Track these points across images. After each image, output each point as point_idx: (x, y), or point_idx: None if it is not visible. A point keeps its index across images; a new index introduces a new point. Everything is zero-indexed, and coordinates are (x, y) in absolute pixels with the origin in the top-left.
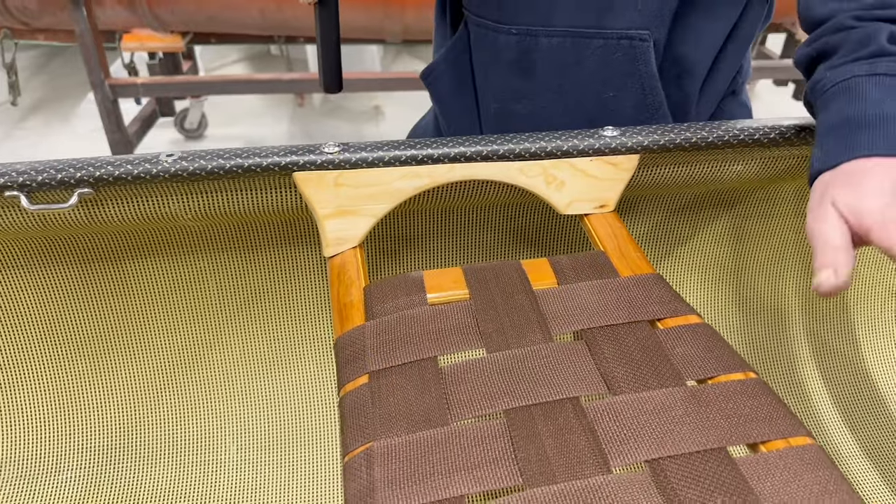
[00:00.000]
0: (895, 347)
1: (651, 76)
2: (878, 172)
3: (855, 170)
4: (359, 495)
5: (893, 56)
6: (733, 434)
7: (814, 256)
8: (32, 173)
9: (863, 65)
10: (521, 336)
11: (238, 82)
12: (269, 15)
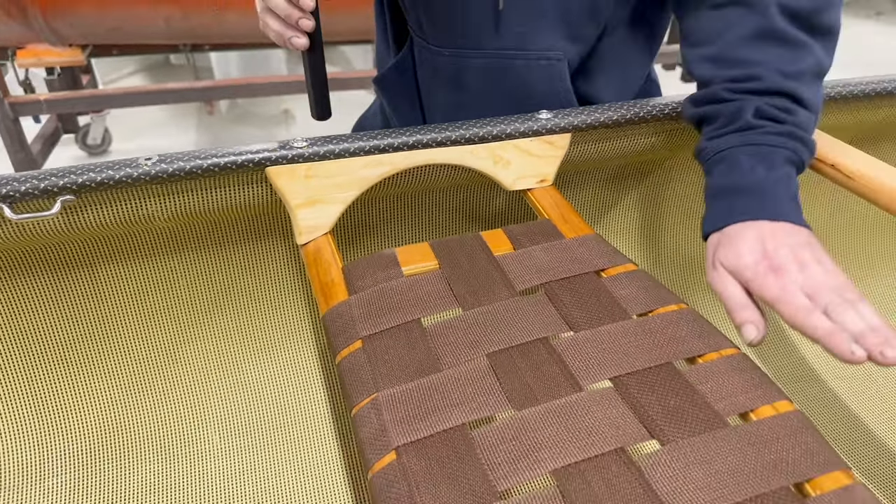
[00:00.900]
0: None
1: (567, 91)
2: (750, 235)
3: (733, 233)
4: (373, 436)
5: (759, 129)
6: (675, 351)
7: (731, 317)
8: (15, 184)
9: (736, 136)
10: (490, 294)
11: (149, 93)
12: (174, 23)
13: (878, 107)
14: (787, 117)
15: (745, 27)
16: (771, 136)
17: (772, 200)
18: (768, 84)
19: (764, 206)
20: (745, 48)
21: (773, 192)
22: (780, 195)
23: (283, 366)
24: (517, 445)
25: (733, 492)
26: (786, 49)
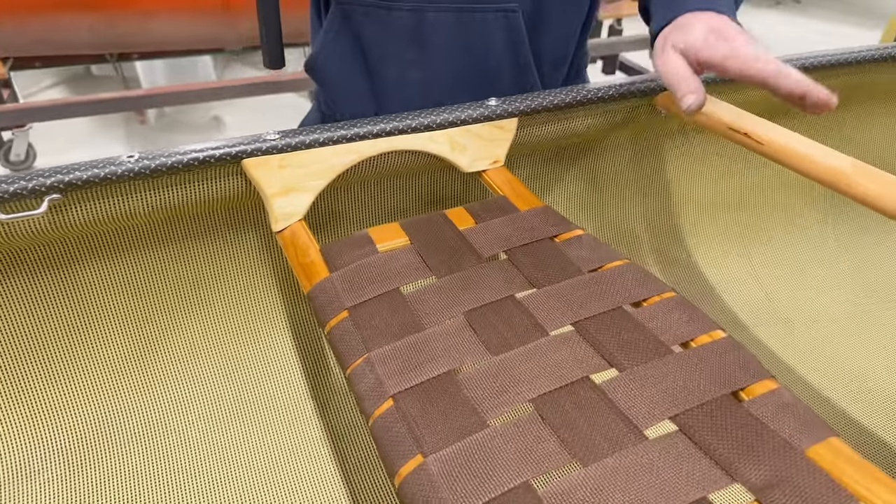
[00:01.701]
0: (727, 255)
1: (522, 43)
2: (698, 21)
3: (682, 22)
4: (369, 389)
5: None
6: (623, 298)
7: (674, 91)
8: (4, 185)
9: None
10: (459, 263)
11: (77, 105)
12: (100, 32)
13: None
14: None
15: None
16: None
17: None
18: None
19: (710, 1)
20: None
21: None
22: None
23: (261, 349)
24: (498, 383)
25: (683, 402)
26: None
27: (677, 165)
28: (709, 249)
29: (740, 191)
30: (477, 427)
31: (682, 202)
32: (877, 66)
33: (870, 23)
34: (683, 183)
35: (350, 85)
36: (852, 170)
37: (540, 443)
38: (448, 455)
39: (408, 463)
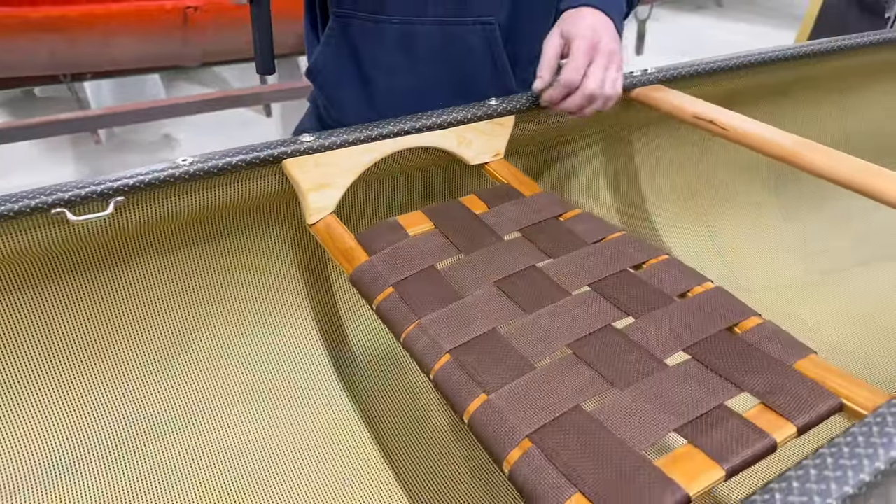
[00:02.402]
0: (691, 233)
1: (500, 52)
2: (585, 13)
3: (575, 13)
4: (426, 348)
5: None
6: (627, 262)
7: (539, 69)
8: (76, 189)
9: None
10: (482, 241)
11: (29, 127)
12: (60, 54)
13: (734, 78)
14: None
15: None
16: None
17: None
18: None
19: (599, 1)
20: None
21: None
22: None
23: (288, 337)
24: (536, 334)
25: (690, 337)
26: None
27: (643, 155)
28: (674, 229)
29: (698, 175)
30: (527, 369)
31: (648, 188)
32: (811, 60)
33: (785, 23)
34: (649, 170)
35: (347, 90)
36: (795, 145)
37: (582, 375)
38: (508, 391)
39: (474, 401)
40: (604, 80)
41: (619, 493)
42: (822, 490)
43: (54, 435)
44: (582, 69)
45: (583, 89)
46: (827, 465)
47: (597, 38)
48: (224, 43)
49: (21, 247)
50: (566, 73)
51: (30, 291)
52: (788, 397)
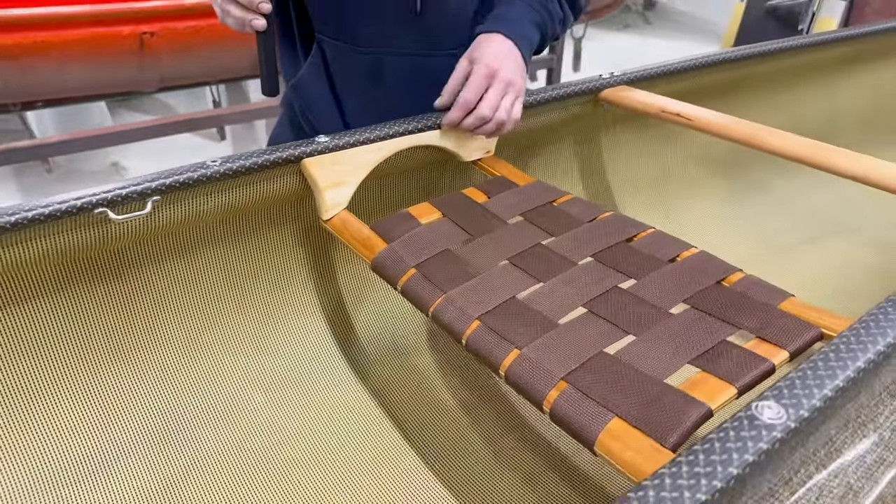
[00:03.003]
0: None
1: None
2: (494, 40)
3: (485, 38)
4: (455, 318)
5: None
6: (620, 236)
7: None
8: (117, 190)
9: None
10: (489, 225)
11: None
12: (13, 82)
13: (687, 78)
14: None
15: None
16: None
17: (512, 28)
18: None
19: (509, 30)
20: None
21: (517, 24)
22: (519, 29)
23: (301, 328)
24: (553, 298)
25: (687, 291)
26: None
27: (611, 150)
28: (638, 216)
29: (658, 167)
30: (550, 326)
31: (614, 179)
32: (751, 62)
33: (708, 39)
34: (615, 163)
35: (324, 107)
36: (753, 129)
37: (601, 327)
38: (538, 344)
39: (508, 357)
40: (498, 106)
41: (652, 414)
42: (823, 382)
43: (92, 430)
44: (478, 92)
45: (477, 111)
46: (818, 367)
47: (497, 65)
48: (181, 68)
49: (64, 247)
50: (462, 95)
51: (69, 292)
52: (778, 331)
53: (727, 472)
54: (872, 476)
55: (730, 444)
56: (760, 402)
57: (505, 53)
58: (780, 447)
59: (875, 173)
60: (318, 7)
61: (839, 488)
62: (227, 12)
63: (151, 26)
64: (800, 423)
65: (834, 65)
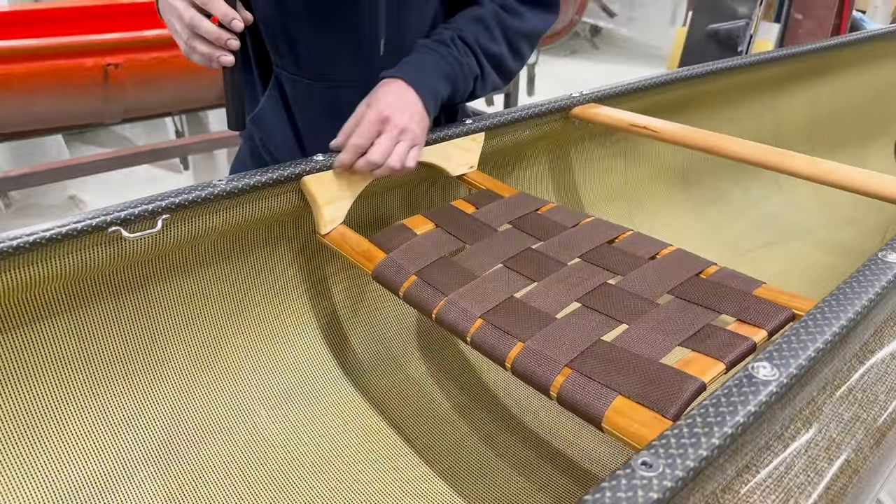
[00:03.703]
0: None
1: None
2: (392, 86)
3: (384, 84)
4: (460, 317)
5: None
6: (603, 238)
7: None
8: (129, 209)
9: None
10: (481, 234)
11: None
12: None
13: (648, 95)
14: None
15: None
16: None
17: (417, 77)
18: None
19: (413, 78)
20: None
21: (424, 73)
22: (424, 79)
23: (299, 342)
24: (548, 295)
25: (670, 283)
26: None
27: (581, 164)
28: None
29: (626, 180)
30: (549, 320)
31: (585, 191)
32: (703, 79)
33: (654, 62)
34: (585, 176)
35: (283, 140)
36: (714, 138)
37: (596, 318)
38: (540, 337)
39: (513, 350)
40: (389, 152)
41: (652, 390)
42: (809, 342)
43: (99, 447)
44: (369, 137)
45: (367, 156)
46: (800, 334)
47: (390, 112)
48: (144, 99)
49: (75, 266)
50: (353, 139)
51: (77, 311)
52: (756, 313)
53: (735, 420)
54: (850, 430)
55: (734, 399)
56: (755, 364)
57: (402, 101)
58: (774, 401)
59: (824, 173)
60: (275, 43)
61: (823, 441)
62: (193, 48)
63: (116, 58)
64: (790, 380)
65: (776, 82)
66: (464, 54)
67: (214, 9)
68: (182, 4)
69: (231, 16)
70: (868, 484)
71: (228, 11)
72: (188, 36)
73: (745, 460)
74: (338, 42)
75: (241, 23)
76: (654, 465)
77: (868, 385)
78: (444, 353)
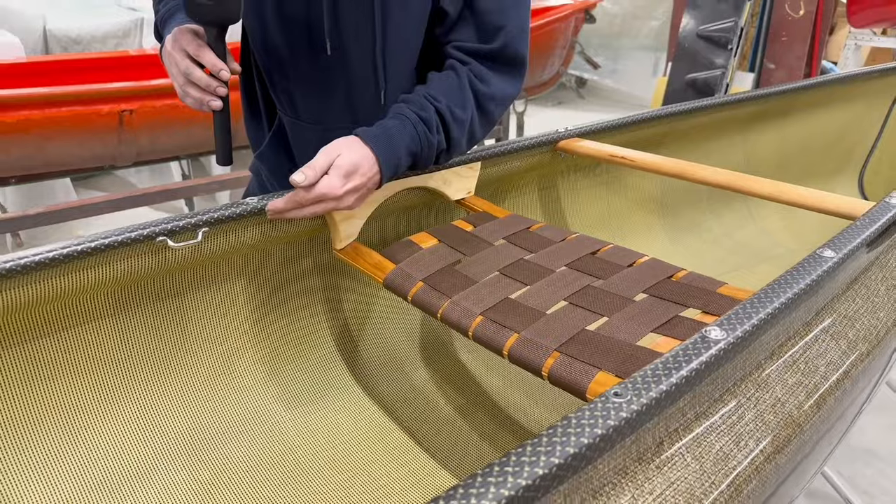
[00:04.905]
0: None
1: None
2: (355, 145)
3: (352, 140)
4: (462, 315)
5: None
6: (586, 250)
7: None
8: (175, 222)
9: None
10: (479, 248)
11: None
12: None
13: (627, 132)
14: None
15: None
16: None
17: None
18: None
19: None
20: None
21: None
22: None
23: (315, 350)
24: (539, 296)
25: (644, 285)
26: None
27: (566, 192)
28: None
29: (608, 210)
30: (540, 315)
31: (570, 218)
32: (679, 117)
33: (636, 111)
34: (570, 204)
35: (285, 175)
36: (686, 165)
37: (581, 313)
38: (533, 329)
39: (509, 340)
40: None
41: (627, 366)
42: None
43: (132, 442)
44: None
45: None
46: (746, 308)
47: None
48: (156, 143)
49: (121, 274)
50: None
51: (117, 317)
52: (718, 306)
53: (690, 366)
54: (793, 392)
55: (690, 353)
56: (708, 328)
57: (356, 156)
58: (722, 355)
59: (780, 193)
60: (275, 93)
61: (770, 399)
62: (186, 93)
63: (130, 104)
64: (735, 340)
65: (747, 120)
66: (436, 132)
67: (205, 60)
68: (179, 55)
69: (219, 66)
70: (812, 439)
71: (217, 63)
72: (183, 82)
73: (703, 407)
74: (329, 96)
75: (227, 73)
76: (624, 395)
77: (810, 358)
78: (446, 361)
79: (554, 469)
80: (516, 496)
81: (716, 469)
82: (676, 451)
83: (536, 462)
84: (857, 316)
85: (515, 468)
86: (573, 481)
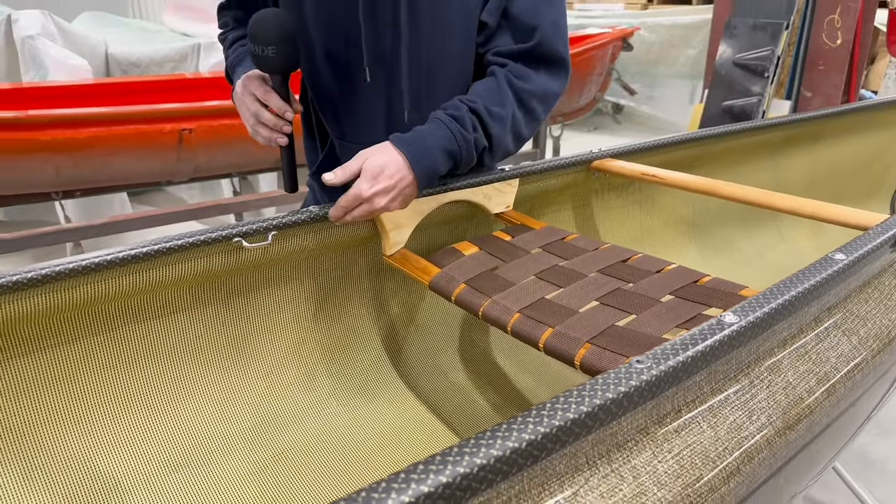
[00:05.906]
0: None
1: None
2: (388, 152)
3: (386, 146)
4: (501, 313)
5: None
6: (618, 258)
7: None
8: (249, 225)
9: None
10: (516, 254)
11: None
12: (65, 172)
13: (658, 154)
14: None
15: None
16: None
17: (419, 154)
18: (478, 107)
19: (413, 154)
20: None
21: (427, 151)
22: (424, 156)
23: (362, 348)
24: (573, 296)
25: (669, 288)
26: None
27: (600, 212)
28: None
29: (640, 228)
30: (573, 313)
31: (603, 235)
32: (710, 140)
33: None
34: (603, 223)
35: (336, 192)
36: (714, 182)
37: (611, 311)
38: (566, 324)
39: (544, 334)
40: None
41: None
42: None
43: (205, 422)
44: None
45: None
46: (753, 303)
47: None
48: (212, 160)
49: (201, 269)
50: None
51: (195, 309)
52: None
53: (706, 344)
54: (804, 378)
55: (706, 333)
56: (724, 314)
57: (386, 170)
58: (736, 337)
59: (801, 207)
60: (326, 117)
61: (781, 382)
62: (256, 132)
63: (190, 124)
64: (748, 324)
65: (778, 144)
66: (471, 129)
67: (272, 104)
68: (249, 99)
69: (284, 108)
70: (821, 421)
71: (282, 105)
72: (253, 122)
73: (718, 384)
74: (370, 119)
75: (292, 114)
76: (644, 362)
77: (821, 350)
78: (482, 362)
79: (583, 416)
80: (550, 433)
81: (729, 437)
82: (693, 417)
83: (568, 409)
84: (870, 316)
85: (550, 412)
86: (600, 432)
